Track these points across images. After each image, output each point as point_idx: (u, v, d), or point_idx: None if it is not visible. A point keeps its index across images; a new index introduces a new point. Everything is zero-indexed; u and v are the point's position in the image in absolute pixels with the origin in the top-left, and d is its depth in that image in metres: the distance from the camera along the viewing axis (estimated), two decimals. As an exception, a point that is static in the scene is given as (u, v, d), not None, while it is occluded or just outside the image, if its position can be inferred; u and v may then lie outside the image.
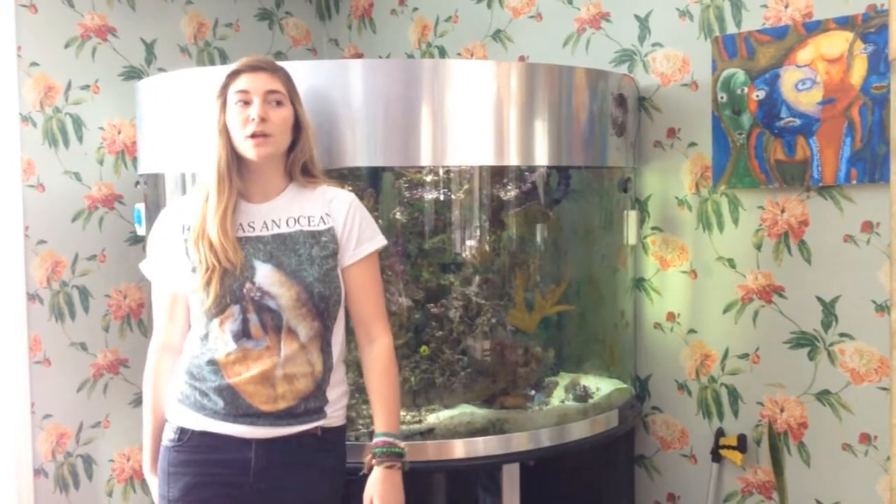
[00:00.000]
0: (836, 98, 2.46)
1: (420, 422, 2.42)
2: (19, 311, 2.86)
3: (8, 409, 2.84)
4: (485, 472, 2.43)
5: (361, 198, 2.48)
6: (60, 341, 2.97)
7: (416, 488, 2.42)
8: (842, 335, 2.53)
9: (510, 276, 2.62)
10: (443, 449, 2.36)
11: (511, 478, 2.41)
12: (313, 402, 1.90)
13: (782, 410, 2.65)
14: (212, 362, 1.88)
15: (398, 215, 2.53)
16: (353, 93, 2.32)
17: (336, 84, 2.32)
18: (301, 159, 1.97)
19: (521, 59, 3.15)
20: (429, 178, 2.53)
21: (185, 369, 1.93)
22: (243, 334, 1.85)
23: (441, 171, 2.51)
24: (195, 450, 1.89)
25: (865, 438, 2.50)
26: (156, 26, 3.20)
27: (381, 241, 2.00)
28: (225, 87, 1.89)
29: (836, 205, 2.51)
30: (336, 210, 1.95)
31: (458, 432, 2.40)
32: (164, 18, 3.23)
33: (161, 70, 3.17)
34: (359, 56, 3.63)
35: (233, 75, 1.90)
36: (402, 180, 2.54)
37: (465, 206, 2.54)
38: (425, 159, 2.38)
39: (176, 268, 1.92)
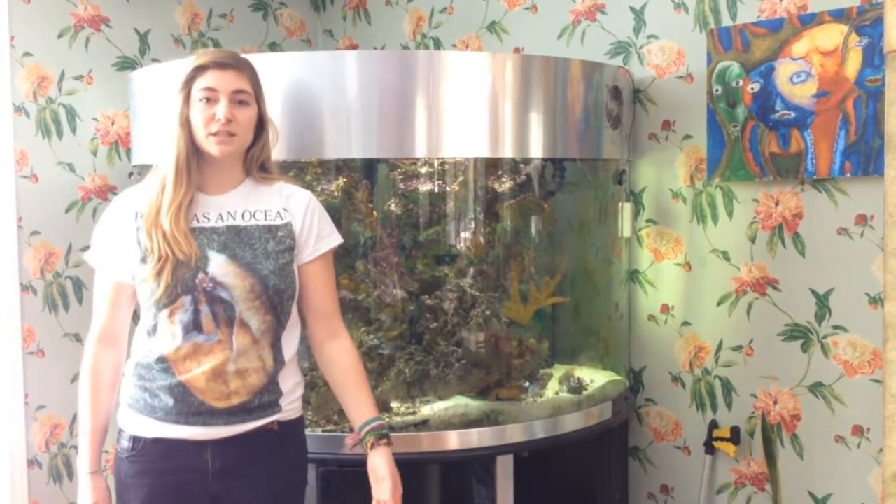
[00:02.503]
0: (831, 91, 2.46)
1: (414, 413, 2.42)
2: (13, 302, 2.85)
3: (1, 401, 2.84)
4: (479, 463, 2.44)
5: (356, 189, 2.49)
6: (54, 332, 2.96)
7: (411, 480, 2.43)
8: (835, 328, 2.53)
9: (505, 267, 2.62)
10: (437, 440, 2.37)
11: (505, 469, 2.41)
12: (268, 396, 1.86)
13: (776, 402, 2.66)
14: (161, 360, 1.82)
15: (393, 207, 2.53)
16: (348, 84, 2.31)
17: (331, 75, 2.32)
18: (260, 157, 1.93)
19: (517, 50, 3.14)
20: (423, 170, 2.53)
21: (133, 371, 1.87)
22: (194, 326, 1.80)
23: (436, 163, 2.51)
24: (149, 459, 1.84)
25: (858, 430, 2.51)
26: (150, 17, 3.19)
27: (337, 239, 1.97)
28: (190, 81, 1.84)
29: (831, 197, 2.52)
30: (294, 206, 1.92)
31: (453, 424, 2.40)
32: (158, 9, 3.22)
33: (155, 61, 3.16)
34: (353, 47, 3.62)
35: (199, 69, 1.83)
36: (396, 172, 2.54)
37: (459, 198, 2.54)
38: (420, 151, 2.37)
39: (124, 256, 1.86)
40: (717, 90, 2.67)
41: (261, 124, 1.91)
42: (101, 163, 3.06)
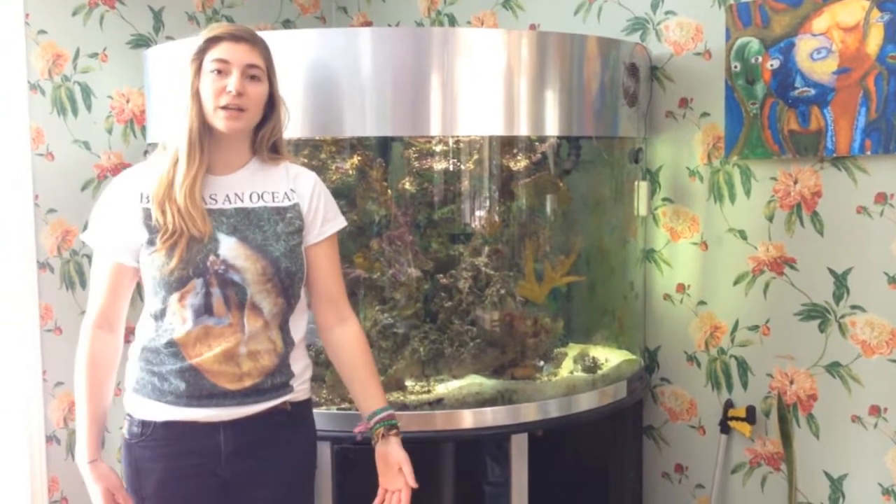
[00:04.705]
0: (852, 67, 2.42)
1: (429, 392, 2.42)
2: (30, 280, 2.87)
3: (20, 377, 2.86)
4: (493, 442, 2.44)
5: (371, 167, 2.48)
6: (71, 309, 2.98)
7: (425, 458, 2.44)
8: (853, 307, 2.51)
9: (520, 246, 2.61)
10: (451, 419, 2.37)
11: (519, 448, 2.42)
12: (279, 377, 1.85)
13: (792, 382, 2.65)
14: (170, 344, 1.79)
15: (407, 185, 2.52)
16: (362, 62, 2.30)
17: (345, 53, 2.30)
18: (272, 137, 1.89)
19: (532, 27, 3.11)
20: (438, 148, 2.52)
21: (139, 355, 1.85)
22: (205, 310, 1.78)
23: (451, 141, 2.50)
24: (161, 442, 1.82)
25: (875, 411, 2.50)
26: (164, -6, 3.18)
27: (342, 221, 1.95)
28: (202, 52, 1.78)
29: (850, 176, 2.49)
30: (301, 187, 1.89)
31: (467, 402, 2.40)
32: (172, -14, 3.20)
33: (169, 38, 3.15)
34: (368, 24, 3.60)
35: (212, 41, 1.78)
36: (411, 150, 2.53)
37: (474, 177, 2.53)
38: (435, 129, 2.36)
39: (127, 237, 1.81)
40: (735, 67, 2.63)
41: (271, 104, 1.87)
42: (116, 141, 3.07)
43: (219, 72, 1.78)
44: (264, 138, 1.89)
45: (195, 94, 1.79)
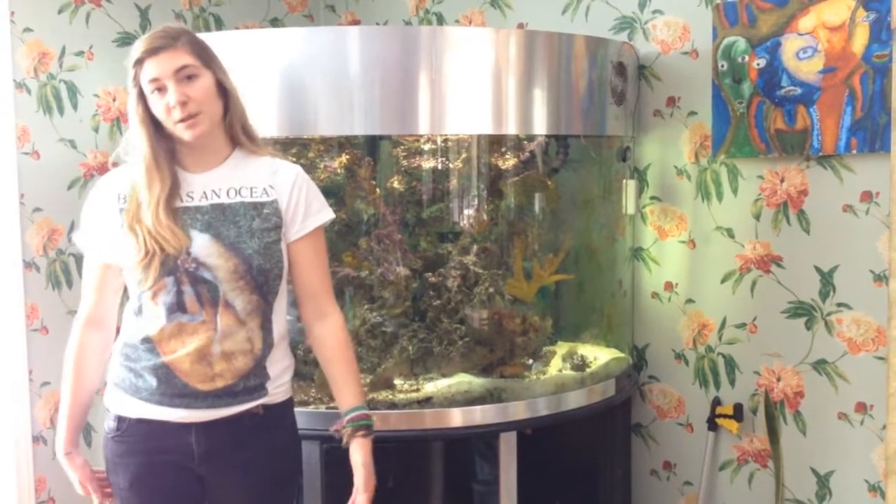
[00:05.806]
0: (838, 67, 2.44)
1: (418, 390, 2.42)
2: (16, 279, 2.85)
3: (6, 377, 2.84)
4: (482, 440, 2.45)
5: (359, 166, 2.48)
6: (57, 309, 2.96)
7: (414, 456, 2.44)
8: (839, 305, 2.53)
9: (508, 245, 2.62)
10: (440, 417, 2.37)
11: (508, 446, 2.42)
12: (253, 380, 1.82)
13: (779, 380, 2.66)
14: (146, 340, 1.79)
15: (396, 184, 2.52)
16: (351, 60, 2.30)
17: (333, 51, 2.30)
18: (238, 123, 1.86)
19: (520, 26, 3.11)
20: (427, 147, 2.52)
21: (120, 350, 1.85)
22: (178, 307, 1.77)
23: (439, 140, 2.50)
24: (135, 438, 1.83)
25: (861, 407, 2.51)
26: (150, -8, 3.16)
27: (328, 214, 1.92)
28: (136, 78, 1.77)
29: (836, 174, 2.50)
30: (281, 183, 1.86)
31: (456, 401, 2.40)
32: (159, -16, 3.19)
33: (156, 36, 3.13)
34: (356, 23, 3.59)
35: (137, 64, 1.76)
36: (399, 149, 2.53)
37: (463, 175, 2.53)
38: (423, 128, 2.36)
39: (109, 237, 1.82)
40: (722, 66, 2.64)
41: (224, 90, 1.83)
42: (102, 139, 3.05)
43: (158, 90, 1.76)
44: (233, 126, 1.86)
45: (144, 119, 1.78)
